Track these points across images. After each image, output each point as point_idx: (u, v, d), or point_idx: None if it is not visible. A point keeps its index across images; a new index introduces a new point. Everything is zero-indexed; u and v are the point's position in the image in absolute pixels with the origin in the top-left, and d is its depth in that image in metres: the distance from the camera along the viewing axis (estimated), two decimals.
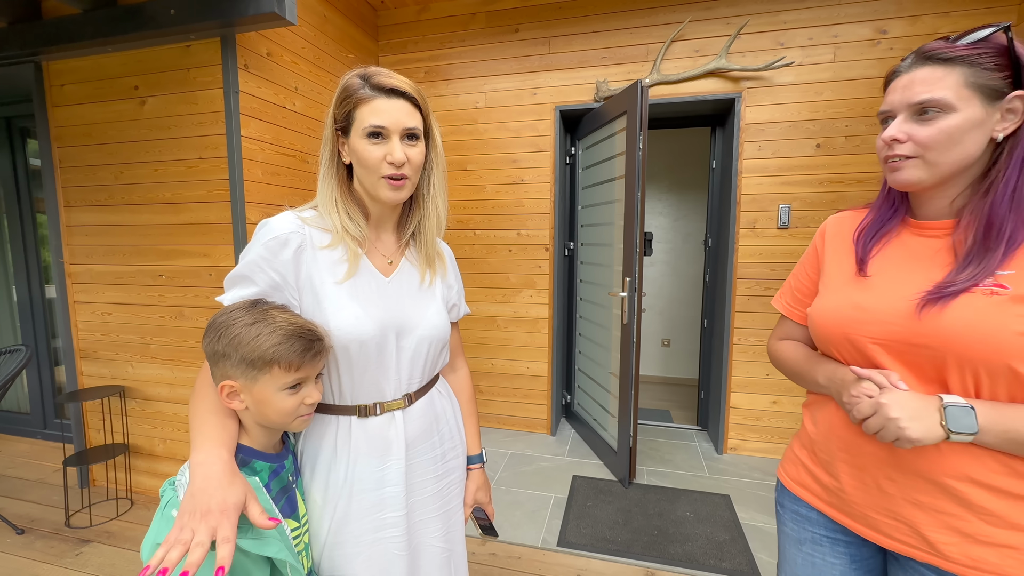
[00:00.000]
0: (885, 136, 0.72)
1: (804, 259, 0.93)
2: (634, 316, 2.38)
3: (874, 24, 2.44)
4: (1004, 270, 0.65)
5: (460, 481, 1.04)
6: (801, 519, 0.88)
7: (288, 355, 0.71)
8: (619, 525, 2.14)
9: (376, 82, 0.80)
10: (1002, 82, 0.66)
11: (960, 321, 0.65)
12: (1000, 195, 0.67)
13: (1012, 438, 0.63)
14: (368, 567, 0.85)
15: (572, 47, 2.82)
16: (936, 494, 0.69)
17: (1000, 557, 0.66)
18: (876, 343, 0.73)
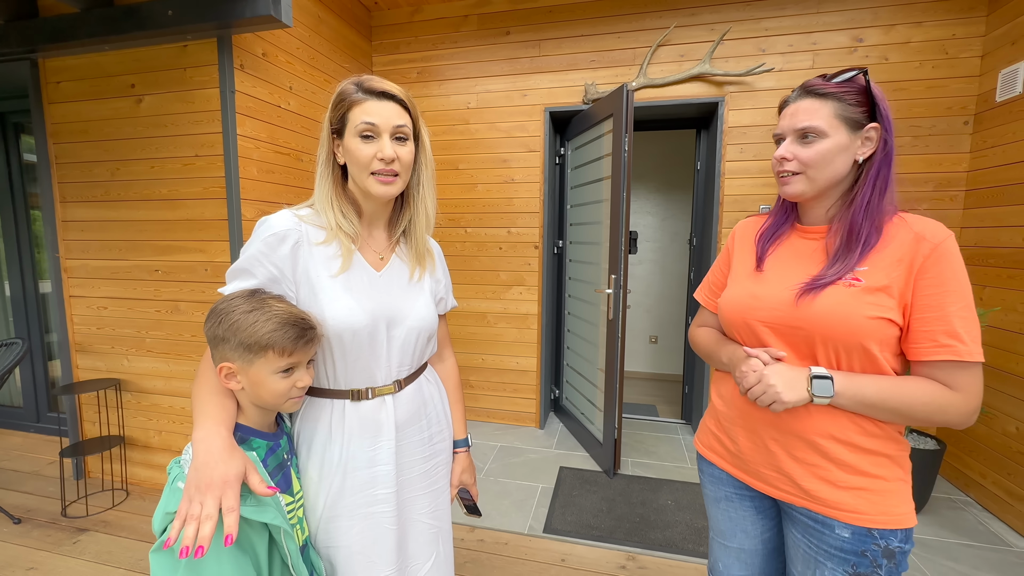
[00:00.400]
0: (776, 155, 0.87)
1: (719, 258, 1.09)
2: (619, 312, 2.46)
3: (851, 32, 2.53)
4: (860, 267, 0.81)
5: (447, 463, 1.11)
6: (715, 480, 1.03)
7: (282, 341, 0.77)
8: (603, 513, 2.22)
9: (368, 86, 0.87)
10: (862, 115, 0.82)
11: (826, 308, 0.81)
12: (859, 206, 0.83)
13: (861, 400, 0.79)
14: (361, 538, 0.92)
15: (562, 50, 2.89)
16: (807, 450, 0.85)
17: (854, 498, 0.82)
18: (766, 326, 0.89)
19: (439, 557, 1.06)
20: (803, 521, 0.88)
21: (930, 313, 0.77)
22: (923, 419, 0.78)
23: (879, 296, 0.79)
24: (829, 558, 0.84)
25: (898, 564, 0.81)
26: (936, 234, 0.79)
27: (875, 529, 0.80)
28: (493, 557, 1.95)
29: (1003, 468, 2.17)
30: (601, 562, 1.92)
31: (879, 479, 0.82)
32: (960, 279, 0.77)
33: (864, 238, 0.82)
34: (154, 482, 2.44)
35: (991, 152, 2.32)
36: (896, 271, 0.79)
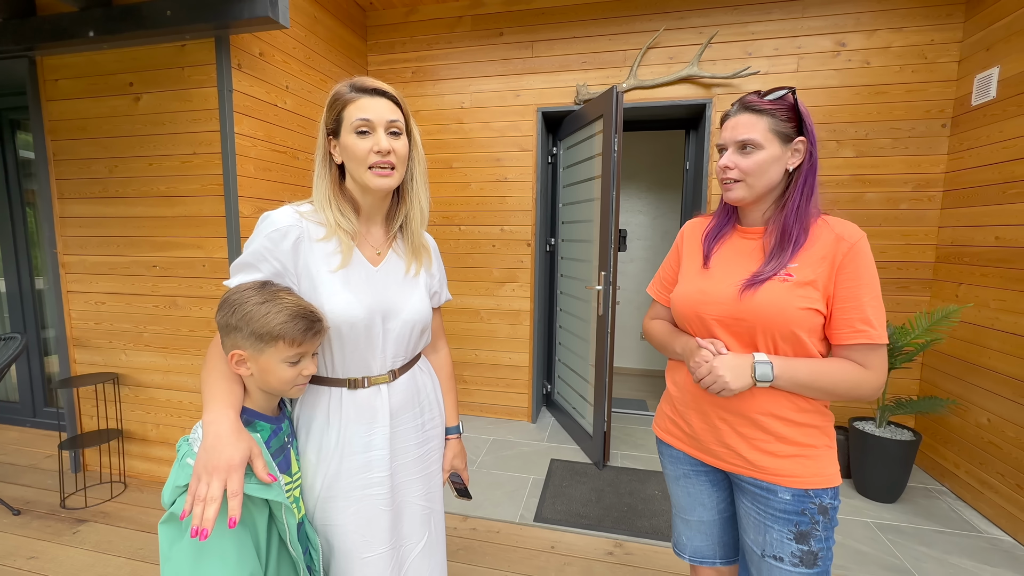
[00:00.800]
0: (720, 164, 0.97)
1: (669, 255, 1.18)
2: (608, 308, 2.52)
3: (834, 37, 2.61)
4: (792, 263, 0.92)
5: (439, 448, 1.17)
6: (673, 460, 1.13)
7: (292, 332, 0.82)
8: (592, 503, 2.29)
9: (360, 84, 0.92)
10: (792, 130, 0.93)
11: (764, 301, 0.92)
12: (790, 210, 0.94)
13: (795, 381, 0.91)
14: (356, 518, 0.97)
15: (554, 51, 2.94)
16: (750, 426, 0.96)
17: (792, 465, 0.94)
18: (713, 318, 0.99)
19: (431, 537, 1.12)
20: (751, 490, 0.99)
21: (848, 304, 0.90)
22: (843, 394, 0.91)
23: (807, 289, 0.90)
24: (776, 521, 0.95)
25: (831, 519, 0.94)
26: (852, 235, 0.91)
27: (811, 490, 0.93)
28: (485, 544, 2.01)
29: (975, 458, 2.26)
30: (589, 549, 1.99)
31: (811, 447, 0.95)
32: (872, 273, 0.90)
33: (795, 238, 0.93)
34: (152, 475, 2.48)
35: (967, 154, 2.41)
36: (821, 267, 0.91)
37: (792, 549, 0.94)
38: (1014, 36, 2.16)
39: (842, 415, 2.76)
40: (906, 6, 2.52)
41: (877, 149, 2.61)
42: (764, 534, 0.97)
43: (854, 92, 2.61)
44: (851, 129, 2.63)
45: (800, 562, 0.94)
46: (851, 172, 2.65)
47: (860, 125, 2.62)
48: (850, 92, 2.61)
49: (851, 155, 2.64)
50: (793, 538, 0.94)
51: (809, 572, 0.94)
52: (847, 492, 2.40)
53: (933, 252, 2.61)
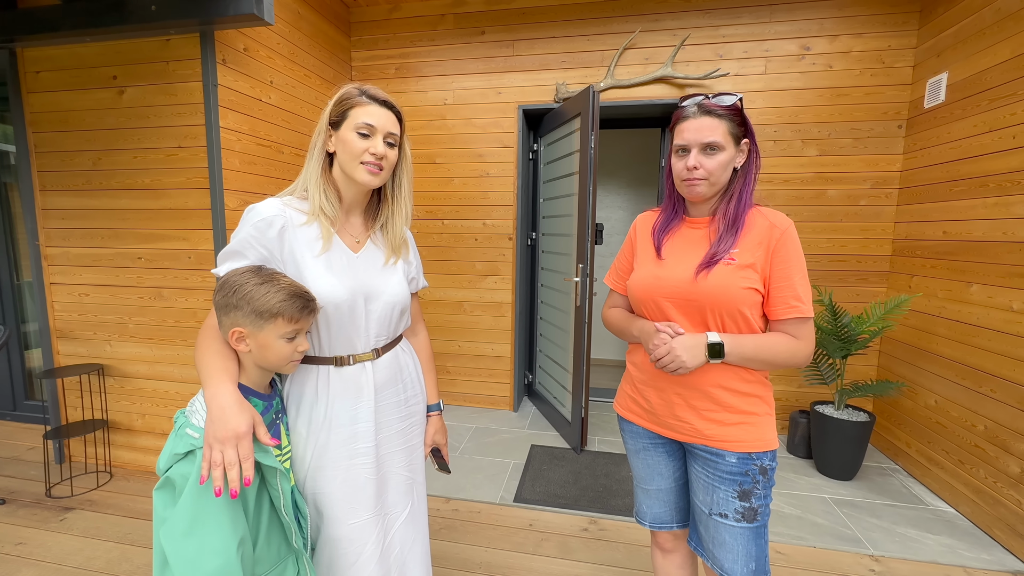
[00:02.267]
0: (688, 165, 1.05)
1: (624, 247, 1.27)
2: (586, 299, 2.63)
3: (799, 41, 2.74)
4: (735, 248, 1.04)
5: (421, 423, 1.25)
6: (633, 435, 1.24)
7: (290, 310, 0.90)
8: (569, 484, 2.40)
9: (372, 94, 1.01)
10: (741, 132, 1.04)
11: (714, 282, 1.02)
12: (735, 202, 1.06)
13: (743, 356, 1.02)
14: (343, 486, 1.06)
15: (534, 50, 3.03)
16: (702, 398, 1.07)
17: (738, 431, 1.05)
18: (668, 300, 1.09)
19: (414, 506, 1.21)
20: (702, 456, 1.10)
21: (781, 283, 1.01)
22: (782, 363, 1.03)
23: (748, 271, 1.01)
24: (722, 481, 1.07)
25: (769, 479, 1.07)
26: (783, 223, 1.03)
27: (753, 453, 1.05)
28: (467, 524, 2.10)
29: (924, 437, 2.43)
30: (565, 526, 2.09)
31: (754, 414, 1.06)
32: (799, 256, 1.02)
33: (739, 226, 1.05)
34: (138, 464, 2.51)
35: (920, 154, 2.57)
36: (758, 251, 1.02)
37: (736, 506, 1.06)
38: (960, 44, 2.31)
39: (805, 400, 2.92)
40: (866, 13, 2.67)
41: (839, 148, 2.76)
42: (712, 494, 1.09)
43: (818, 94, 2.75)
44: (815, 129, 2.77)
45: (742, 517, 1.06)
46: (814, 170, 2.80)
47: (823, 125, 2.77)
48: (814, 94, 2.76)
49: (814, 154, 2.78)
50: (737, 496, 1.05)
51: (749, 526, 1.06)
52: (808, 471, 2.56)
53: (890, 246, 2.77)
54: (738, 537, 1.07)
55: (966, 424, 2.18)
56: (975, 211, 2.17)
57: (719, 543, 1.09)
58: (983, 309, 2.11)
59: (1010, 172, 2.01)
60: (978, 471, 2.11)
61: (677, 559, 1.30)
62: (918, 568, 1.86)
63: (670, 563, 1.30)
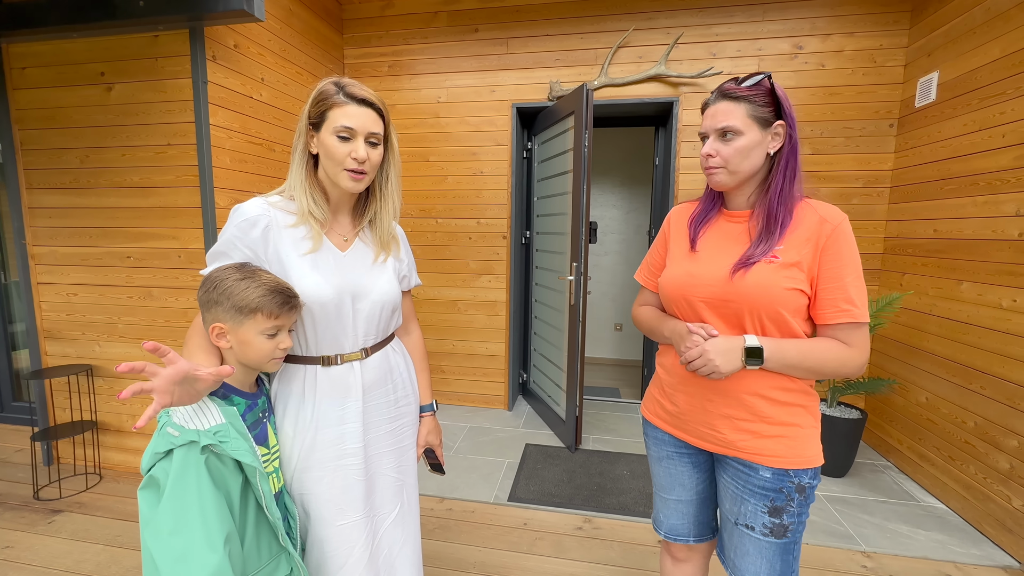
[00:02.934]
0: (702, 152, 0.99)
1: (656, 241, 1.19)
2: (580, 298, 2.63)
3: (792, 40, 2.75)
4: (778, 245, 0.94)
5: (412, 424, 1.24)
6: (658, 442, 1.15)
7: (270, 306, 0.89)
8: (563, 483, 2.40)
9: (350, 91, 0.97)
10: (770, 114, 0.94)
11: (752, 282, 0.93)
12: (774, 194, 0.95)
13: (784, 363, 0.93)
14: (331, 488, 1.04)
15: (528, 48, 3.02)
16: (736, 406, 0.98)
17: (775, 444, 0.96)
18: (701, 300, 1.00)
19: (403, 507, 1.20)
20: (733, 466, 1.02)
21: (832, 284, 0.91)
22: (830, 372, 0.93)
23: (792, 271, 0.92)
24: (752, 495, 0.98)
25: (807, 497, 0.97)
26: (835, 217, 0.93)
27: (791, 469, 0.95)
28: (460, 523, 2.10)
29: (915, 434, 2.45)
30: (560, 524, 2.09)
31: (795, 427, 0.96)
32: (854, 254, 0.92)
33: (780, 221, 0.94)
34: (128, 466, 2.49)
35: (911, 153, 2.59)
36: (805, 249, 0.92)
37: (764, 520, 0.98)
38: (951, 43, 2.33)
39: None
40: (857, 12, 2.68)
41: (831, 147, 2.78)
42: (740, 505, 1.01)
43: (810, 93, 2.76)
44: (807, 128, 2.78)
45: (770, 532, 0.98)
46: (807, 169, 2.81)
47: (815, 124, 2.78)
48: (807, 93, 2.77)
49: (807, 152, 2.80)
50: (767, 511, 0.97)
51: (777, 542, 0.98)
52: None
53: (882, 244, 2.79)
54: (764, 551, 0.99)
55: (956, 421, 2.20)
56: (965, 209, 2.19)
57: (742, 553, 1.02)
58: (973, 307, 2.13)
59: (999, 171, 2.03)
60: (968, 467, 2.13)
61: (688, 569, 1.23)
62: (909, 564, 1.87)
63: (681, 571, 1.24)
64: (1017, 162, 1.95)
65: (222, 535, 0.81)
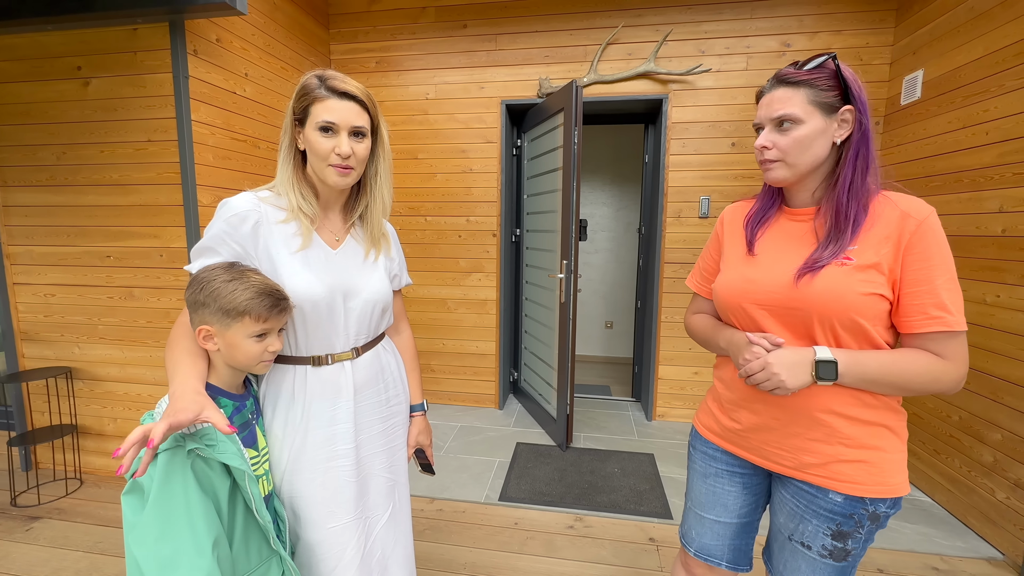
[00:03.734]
0: (756, 144, 0.90)
1: (709, 244, 1.11)
2: (570, 296, 2.62)
3: (780, 38, 2.76)
4: (852, 246, 0.84)
5: (403, 424, 1.22)
6: (708, 458, 1.07)
7: (258, 308, 0.86)
8: (555, 481, 2.39)
9: (331, 85, 0.94)
10: (835, 99, 0.84)
11: (821, 287, 0.83)
12: (843, 187, 0.85)
13: (863, 378, 0.82)
14: (322, 489, 1.02)
15: (517, 45, 3.00)
16: (809, 424, 0.88)
17: (853, 469, 0.86)
18: (762, 308, 0.91)
19: (396, 508, 1.18)
20: (796, 485, 0.92)
21: (919, 287, 0.80)
22: (920, 389, 0.82)
23: (870, 273, 0.81)
24: (816, 516, 0.89)
25: (880, 525, 0.88)
26: (920, 211, 0.81)
27: (868, 498, 0.85)
28: (451, 524, 2.08)
29: None
30: (551, 523, 2.08)
31: (878, 450, 0.85)
32: (944, 253, 0.80)
33: (853, 218, 0.83)
34: (110, 469, 2.43)
35: (897, 150, 2.61)
36: (885, 248, 0.81)
37: (825, 543, 0.89)
38: (936, 41, 2.35)
39: None
40: (844, 10, 2.70)
41: None
42: (798, 523, 0.92)
43: None
44: None
45: (829, 555, 0.89)
46: None
47: None
48: None
49: None
50: (830, 535, 0.88)
51: (836, 565, 0.90)
52: None
53: None
54: (818, 570, 0.91)
55: (942, 415, 2.23)
56: (950, 206, 2.22)
57: (793, 568, 0.94)
58: None
59: (983, 168, 2.05)
60: (953, 461, 2.16)
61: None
62: (896, 557, 1.89)
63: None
64: (1000, 159, 1.97)
65: (210, 539, 0.79)
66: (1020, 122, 1.90)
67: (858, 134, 0.84)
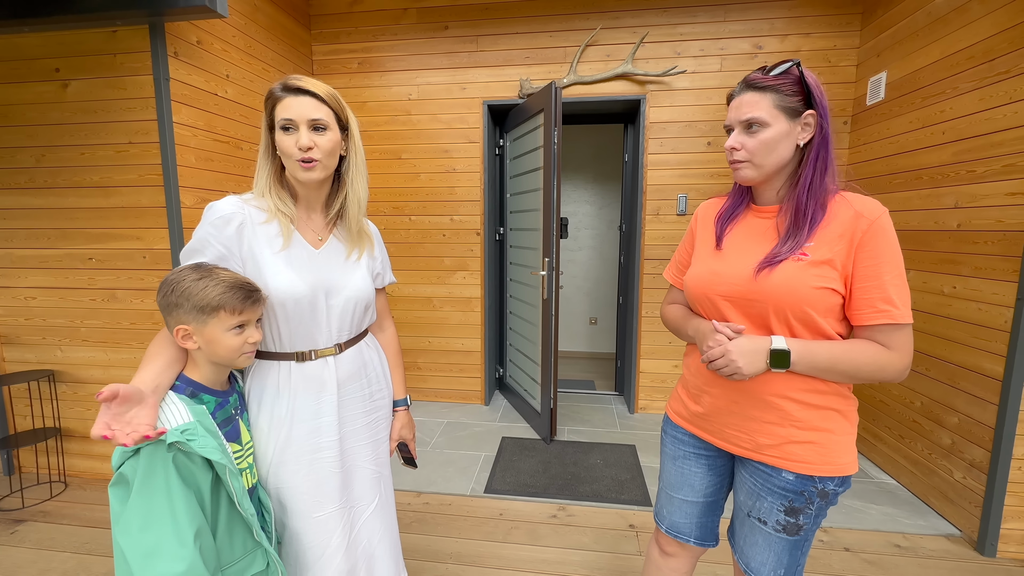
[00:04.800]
0: (726, 146, 0.96)
1: (684, 238, 1.18)
2: (552, 292, 2.68)
3: (752, 40, 2.85)
4: (808, 242, 0.90)
5: (387, 418, 1.27)
6: (677, 441, 1.14)
7: (232, 302, 0.90)
8: (539, 473, 2.46)
9: (288, 84, 0.98)
10: (799, 103, 0.90)
11: (778, 281, 0.90)
12: (803, 187, 0.91)
13: (814, 366, 0.89)
14: (307, 480, 1.07)
15: (498, 46, 3.04)
16: (764, 408, 0.95)
17: (803, 450, 0.93)
18: (725, 299, 0.98)
19: (382, 499, 1.22)
20: (754, 466, 1.00)
21: (869, 283, 0.86)
22: (867, 377, 0.88)
23: (823, 268, 0.87)
24: (770, 493, 0.97)
25: (830, 502, 0.94)
26: (872, 211, 0.87)
27: (817, 476, 0.92)
28: (437, 516, 2.13)
29: (869, 415, 2.60)
30: (535, 513, 2.15)
31: (827, 432, 0.92)
32: (893, 251, 0.86)
33: (811, 216, 0.89)
34: (95, 472, 2.43)
35: (864, 148, 2.72)
36: (839, 245, 0.87)
37: (779, 518, 0.97)
38: (897, 44, 2.46)
39: None
40: (813, 14, 2.80)
41: None
42: (756, 501, 1.00)
43: None
44: None
45: (783, 529, 0.97)
46: None
47: None
48: None
49: None
50: (783, 511, 0.96)
51: (788, 539, 0.97)
52: None
53: None
54: (773, 544, 0.99)
55: (905, 401, 2.34)
56: (911, 202, 2.32)
57: (751, 543, 1.03)
58: (919, 294, 2.26)
59: (940, 166, 2.16)
60: (916, 444, 2.27)
61: (675, 564, 1.21)
62: (862, 536, 1.99)
63: (665, 565, 1.22)
64: (955, 157, 2.08)
65: (192, 530, 0.82)
66: (973, 122, 2.00)
67: (819, 137, 0.90)
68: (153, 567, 0.78)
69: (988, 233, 1.92)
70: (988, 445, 1.89)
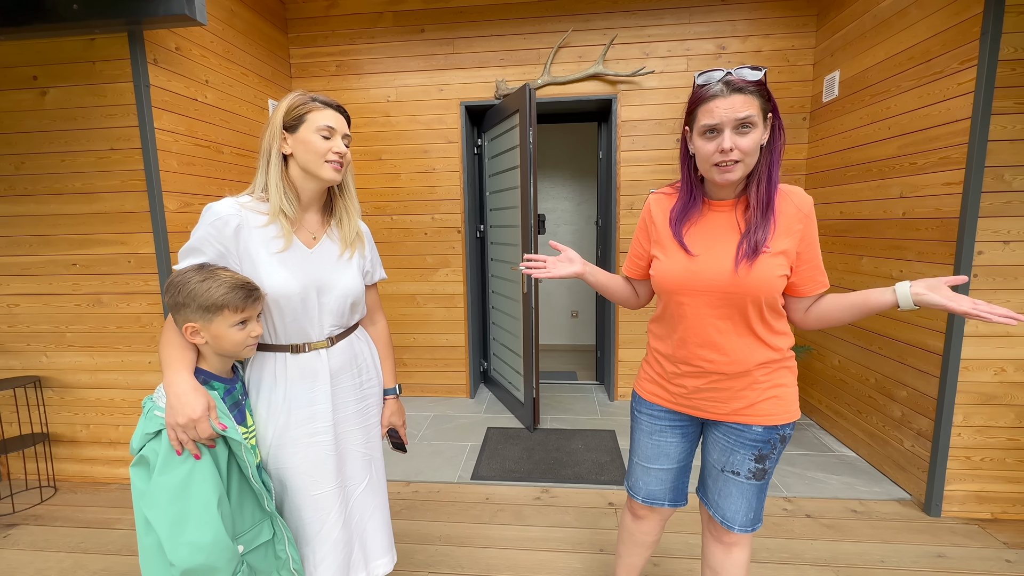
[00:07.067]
0: (723, 147, 0.95)
1: (637, 232, 1.23)
2: (532, 288, 2.79)
3: (716, 41, 2.99)
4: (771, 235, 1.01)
5: (377, 405, 1.35)
6: (653, 418, 1.23)
7: (234, 301, 0.98)
8: (523, 459, 2.57)
9: (325, 100, 1.10)
10: (768, 106, 0.98)
11: (758, 275, 1.01)
12: (773, 184, 1.01)
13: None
14: (304, 461, 1.15)
15: (473, 48, 3.13)
16: (739, 379, 1.08)
17: (769, 406, 1.08)
18: (703, 293, 1.06)
19: (372, 479, 1.32)
20: (727, 426, 1.13)
21: (810, 263, 1.04)
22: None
23: (780, 258, 1.00)
24: (743, 447, 1.11)
25: (785, 444, 1.12)
26: (805, 204, 1.03)
27: (778, 424, 1.08)
28: (426, 503, 2.22)
29: (831, 393, 2.77)
30: (520, 496, 2.26)
31: (783, 387, 1.09)
32: (816, 233, 1.04)
33: (774, 208, 1.01)
34: (86, 475, 2.45)
35: (821, 143, 2.89)
36: (787, 237, 1.01)
37: (750, 467, 1.11)
38: (848, 45, 2.62)
39: None
40: (772, 15, 2.95)
41: None
42: (729, 456, 1.13)
43: None
44: None
45: (753, 476, 1.11)
46: None
47: None
48: None
49: None
50: (754, 459, 1.10)
51: (758, 483, 1.13)
52: None
53: None
54: (745, 492, 1.13)
55: (861, 378, 2.51)
56: (862, 193, 2.49)
57: (725, 495, 1.15)
58: (871, 278, 2.43)
59: (887, 159, 2.33)
60: (871, 418, 2.44)
61: (646, 526, 1.33)
62: (822, 504, 2.15)
63: (638, 529, 1.34)
64: (900, 151, 2.25)
65: (215, 497, 0.92)
66: (915, 118, 2.17)
67: (778, 137, 1.00)
68: (182, 534, 0.87)
69: (928, 220, 2.09)
70: (932, 415, 2.07)
